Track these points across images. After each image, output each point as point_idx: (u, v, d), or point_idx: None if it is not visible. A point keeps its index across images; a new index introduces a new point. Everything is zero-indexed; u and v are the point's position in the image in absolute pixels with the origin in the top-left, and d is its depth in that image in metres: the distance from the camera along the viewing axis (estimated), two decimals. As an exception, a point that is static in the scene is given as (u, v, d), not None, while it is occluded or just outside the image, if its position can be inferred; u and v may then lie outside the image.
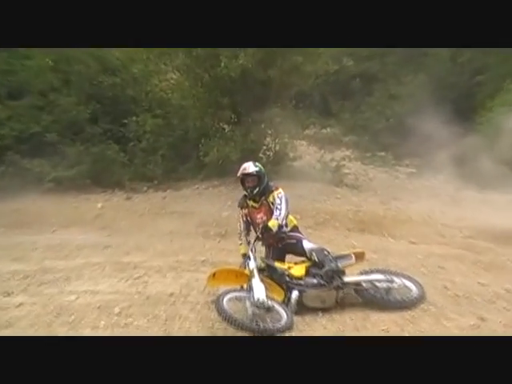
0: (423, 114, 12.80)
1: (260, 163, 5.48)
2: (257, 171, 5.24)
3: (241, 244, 5.43)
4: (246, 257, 5.09)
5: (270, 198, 5.25)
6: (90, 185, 11.47)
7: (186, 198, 10.93)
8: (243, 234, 5.48)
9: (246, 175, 5.26)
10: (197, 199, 10.81)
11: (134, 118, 12.20)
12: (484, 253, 7.45)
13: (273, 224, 5.04)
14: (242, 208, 5.49)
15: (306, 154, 13.65)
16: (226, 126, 11.58)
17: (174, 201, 10.83)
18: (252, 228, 5.50)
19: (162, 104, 12.56)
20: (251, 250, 5.07)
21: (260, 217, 5.38)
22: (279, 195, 5.19)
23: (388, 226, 8.99)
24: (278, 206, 5.10)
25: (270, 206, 5.24)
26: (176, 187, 11.69)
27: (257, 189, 5.25)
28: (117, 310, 5.28)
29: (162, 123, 12.23)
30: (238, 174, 5.25)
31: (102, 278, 6.47)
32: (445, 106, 12.94)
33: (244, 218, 5.49)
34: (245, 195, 5.47)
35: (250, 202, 5.45)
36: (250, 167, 5.24)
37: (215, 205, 10.14)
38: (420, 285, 5.43)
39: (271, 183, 5.34)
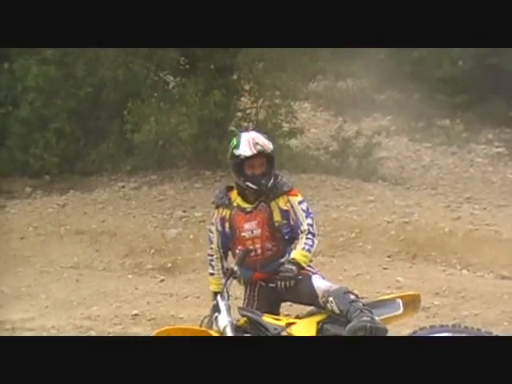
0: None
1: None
2: (272, 150, 4.18)
3: (212, 274, 4.20)
4: (214, 304, 3.99)
5: (281, 203, 4.11)
6: None
7: (103, 206, 9.56)
8: (216, 256, 4.20)
9: (258, 156, 4.03)
10: (121, 207, 9.54)
11: (6, 65, 10.40)
12: None
13: (304, 259, 3.94)
14: (219, 208, 4.23)
15: (311, 124, 12.52)
16: (170, 78, 10.52)
17: (81, 210, 9.49)
18: (231, 245, 4.21)
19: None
20: (222, 294, 3.91)
21: (250, 227, 4.12)
22: (303, 204, 4.10)
23: (460, 249, 7.83)
24: (310, 229, 3.94)
25: (272, 214, 4.08)
26: (84, 186, 10.28)
27: (271, 181, 4.12)
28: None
29: (55, 73, 10.13)
30: (245, 153, 4.06)
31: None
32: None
33: (220, 226, 4.17)
34: (228, 188, 4.25)
35: (237, 201, 4.20)
36: (265, 143, 4.04)
37: (154, 217, 9.06)
38: None
39: (284, 178, 4.22)
